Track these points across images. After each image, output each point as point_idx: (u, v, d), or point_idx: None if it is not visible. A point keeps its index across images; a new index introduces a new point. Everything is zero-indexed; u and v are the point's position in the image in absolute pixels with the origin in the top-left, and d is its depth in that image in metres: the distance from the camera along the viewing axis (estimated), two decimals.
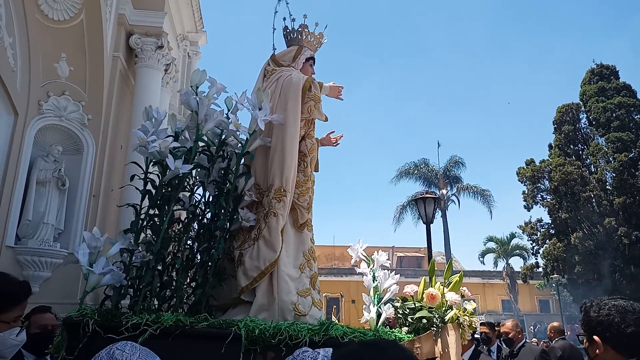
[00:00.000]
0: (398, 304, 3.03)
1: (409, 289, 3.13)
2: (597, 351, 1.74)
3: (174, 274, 2.79)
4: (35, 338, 2.90)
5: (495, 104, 67.86)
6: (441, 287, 3.00)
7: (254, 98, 2.91)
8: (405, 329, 2.90)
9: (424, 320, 2.81)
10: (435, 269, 3.41)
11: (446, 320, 2.79)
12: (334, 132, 3.66)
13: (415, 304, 2.94)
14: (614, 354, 1.70)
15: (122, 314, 2.33)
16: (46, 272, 5.98)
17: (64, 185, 6.25)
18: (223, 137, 2.88)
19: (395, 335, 2.74)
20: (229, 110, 2.93)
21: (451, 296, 2.91)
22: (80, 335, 2.21)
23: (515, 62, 72.24)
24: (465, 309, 2.92)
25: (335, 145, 3.68)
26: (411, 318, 2.88)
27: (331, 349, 1.48)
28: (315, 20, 3.44)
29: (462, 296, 2.98)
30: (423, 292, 3.01)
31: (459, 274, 3.10)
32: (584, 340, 1.83)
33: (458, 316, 2.82)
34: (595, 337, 1.75)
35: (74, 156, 6.56)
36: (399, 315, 3.01)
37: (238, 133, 2.91)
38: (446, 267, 3.20)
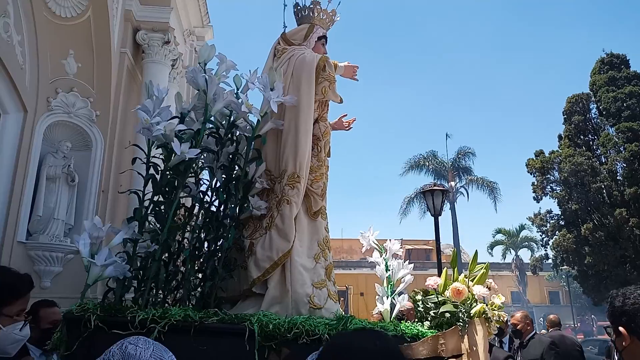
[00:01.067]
0: (419, 297, 2.86)
1: (432, 282, 2.96)
2: (624, 343, 1.64)
3: (180, 264, 2.64)
4: (48, 333, 2.84)
5: (504, 96, 67.30)
6: (465, 279, 2.84)
7: (266, 78, 2.70)
8: (427, 323, 2.72)
9: (447, 315, 2.65)
10: (444, 261, 3.30)
11: (472, 314, 2.63)
12: (346, 115, 3.48)
13: (438, 298, 2.77)
14: None
15: (126, 309, 2.20)
16: (57, 267, 6.07)
17: (73, 181, 6.32)
18: (232, 118, 2.67)
19: (418, 330, 2.55)
20: (238, 90, 2.72)
21: (479, 290, 2.74)
22: (82, 331, 2.08)
23: (525, 53, 71.58)
24: (493, 303, 2.77)
25: (348, 129, 3.50)
26: (434, 312, 2.71)
27: None
28: None
29: (489, 288, 2.82)
30: (445, 285, 2.85)
31: (485, 265, 2.93)
32: (612, 333, 1.73)
33: (485, 310, 2.66)
34: (621, 328, 1.66)
35: (83, 152, 6.63)
36: (419, 309, 2.84)
37: (248, 115, 2.71)
38: (470, 259, 3.00)
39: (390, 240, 3.24)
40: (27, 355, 2.81)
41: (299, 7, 3.30)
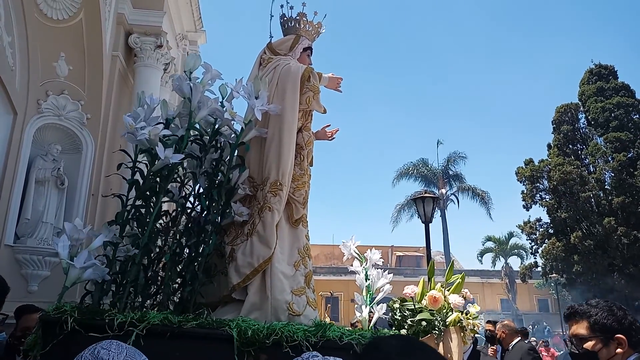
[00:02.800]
0: (397, 305, 2.93)
1: (409, 290, 3.03)
2: (618, 350, 1.78)
3: (159, 269, 2.65)
4: (18, 340, 2.85)
5: (494, 105, 67.89)
6: (442, 288, 2.92)
7: (251, 86, 2.76)
8: (403, 331, 2.78)
9: (424, 323, 2.72)
10: (435, 268, 3.36)
11: (448, 323, 2.70)
12: (329, 125, 3.54)
13: (415, 306, 2.84)
14: (629, 350, 1.78)
15: (104, 312, 2.18)
16: (45, 271, 5.99)
17: (63, 184, 6.26)
18: (217, 126, 2.72)
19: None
20: (223, 98, 2.78)
21: (454, 299, 2.82)
22: (58, 333, 2.06)
23: (515, 62, 72.33)
24: (467, 312, 2.84)
25: (330, 140, 3.56)
26: (411, 320, 2.78)
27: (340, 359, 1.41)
28: (314, 9, 3.33)
29: (464, 298, 2.90)
30: (423, 293, 2.92)
31: (460, 275, 3.01)
32: (591, 344, 1.83)
33: (461, 319, 2.74)
34: (620, 335, 1.79)
35: (73, 155, 6.57)
36: (396, 316, 2.91)
37: (233, 122, 2.77)
38: (447, 268, 3.09)
39: (370, 249, 3.30)
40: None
41: (285, 18, 3.36)
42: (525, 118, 66.92)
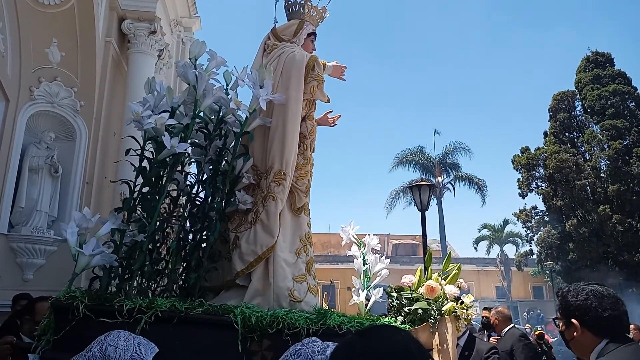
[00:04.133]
0: (394, 294, 3.00)
1: (407, 279, 3.09)
2: (575, 334, 1.85)
3: (163, 253, 2.71)
4: None
5: (491, 93, 67.78)
6: (438, 278, 2.98)
7: (256, 75, 2.76)
8: (400, 318, 2.87)
9: (420, 311, 2.80)
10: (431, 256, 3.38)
11: (443, 312, 2.79)
12: (331, 112, 3.55)
13: (412, 294, 2.91)
14: (590, 335, 1.80)
15: (113, 297, 2.24)
16: (40, 260, 5.97)
17: (56, 172, 6.21)
18: (221, 114, 2.74)
19: (391, 324, 2.69)
20: (227, 86, 2.79)
21: (450, 289, 2.90)
22: (69, 318, 2.13)
23: (511, 50, 72.06)
24: (462, 302, 2.91)
25: (332, 126, 3.58)
26: (408, 309, 2.86)
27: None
28: None
29: (460, 288, 2.98)
30: (419, 282, 2.99)
31: (457, 266, 3.08)
32: (560, 324, 1.94)
33: (455, 309, 2.82)
34: (574, 320, 1.85)
35: (67, 143, 6.51)
36: (393, 304, 2.98)
37: (237, 111, 2.79)
38: (444, 258, 3.17)
39: (369, 235, 3.36)
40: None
41: (289, 2, 3.34)
42: (522, 106, 66.94)
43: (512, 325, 5.79)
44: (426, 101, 70.92)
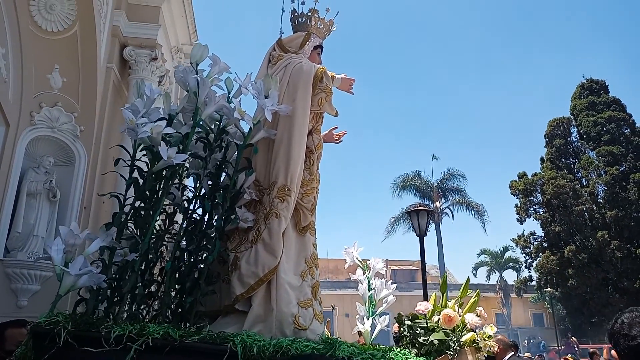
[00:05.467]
0: (408, 322, 2.78)
1: (422, 307, 2.87)
2: None
3: (156, 274, 2.49)
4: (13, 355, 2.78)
5: (487, 119, 68.43)
6: (455, 306, 2.78)
7: (261, 84, 2.59)
8: (414, 350, 2.63)
9: (436, 342, 2.57)
10: (429, 282, 3.28)
11: (462, 343, 2.57)
12: (337, 127, 3.38)
13: (427, 324, 2.69)
14: None
15: (100, 322, 2.02)
16: (35, 286, 5.90)
17: (54, 197, 6.19)
18: (222, 124, 2.54)
19: (407, 358, 2.43)
20: (229, 93, 2.60)
21: (471, 318, 2.68)
22: (49, 346, 1.91)
23: (507, 77, 73.12)
24: (484, 332, 2.71)
25: (338, 142, 3.40)
26: (423, 339, 2.63)
27: None
28: (323, 7, 3.23)
29: (478, 316, 2.77)
30: (434, 310, 2.80)
31: (476, 292, 2.88)
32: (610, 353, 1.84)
33: (477, 339, 2.60)
34: (612, 351, 1.77)
35: (66, 167, 6.51)
36: (405, 334, 2.76)
37: (240, 121, 2.59)
38: (463, 286, 2.94)
39: (373, 258, 3.15)
40: None
41: (295, 14, 3.24)
42: (519, 132, 67.44)
43: (513, 353, 5.71)
44: (424, 127, 71.53)
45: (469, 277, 3.04)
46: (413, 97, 75.16)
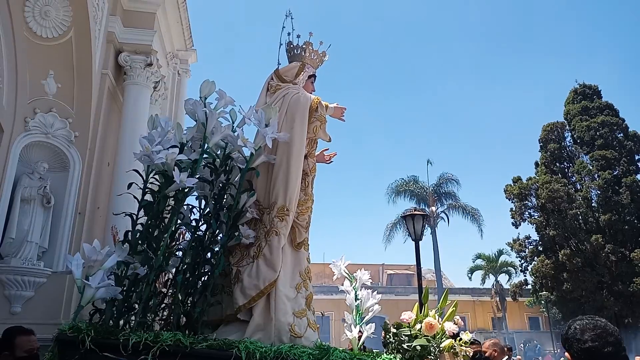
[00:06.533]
0: (393, 330, 3.03)
1: (406, 316, 3.14)
2: None
3: (160, 285, 2.74)
4: None
5: (482, 124, 68.79)
6: (435, 315, 3.04)
7: (262, 114, 2.90)
8: (399, 355, 2.89)
9: (419, 348, 2.83)
10: (425, 286, 3.42)
11: (442, 348, 2.83)
12: (327, 149, 3.69)
13: (411, 331, 2.95)
14: None
15: (118, 331, 2.26)
16: (29, 292, 5.85)
17: (49, 203, 6.16)
18: (227, 150, 2.84)
19: None
20: (233, 123, 2.91)
21: (449, 326, 2.94)
22: (73, 353, 2.13)
23: (501, 82, 73.55)
24: (460, 339, 2.97)
25: (328, 163, 3.71)
26: (407, 345, 2.89)
27: None
28: (312, 37, 3.53)
29: (456, 324, 3.02)
30: (417, 319, 3.05)
31: (454, 303, 3.15)
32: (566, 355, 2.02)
33: (454, 345, 2.86)
34: (566, 353, 1.95)
35: (60, 173, 6.48)
36: (390, 340, 3.00)
37: (243, 148, 2.89)
38: (441, 297, 3.23)
39: (360, 270, 3.38)
40: None
41: (291, 46, 3.54)
42: (513, 136, 67.84)
43: (508, 357, 5.73)
44: (419, 131, 71.80)
45: (447, 289, 3.35)
46: (408, 101, 75.49)
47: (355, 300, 3.26)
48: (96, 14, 6.72)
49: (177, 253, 2.89)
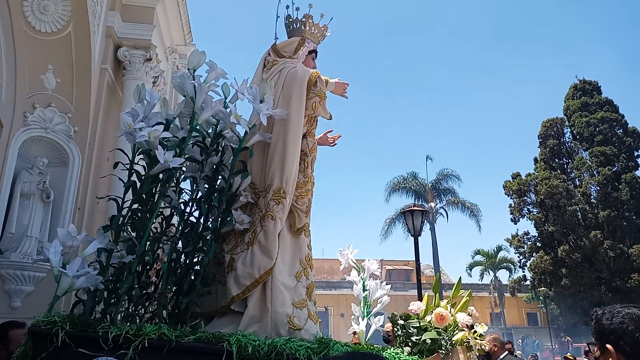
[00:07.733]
0: (401, 322, 2.81)
1: (415, 307, 2.91)
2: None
3: (152, 276, 2.53)
4: None
5: (482, 120, 68.75)
6: (447, 305, 2.81)
7: (256, 89, 2.63)
8: (407, 349, 2.67)
9: (429, 341, 2.61)
10: (424, 282, 3.33)
11: (454, 342, 2.61)
12: (332, 131, 3.43)
13: (420, 323, 2.73)
14: None
15: (97, 323, 2.05)
16: (29, 287, 5.88)
17: (48, 198, 6.17)
18: (219, 128, 2.59)
19: (399, 357, 2.47)
20: (225, 98, 2.65)
21: (462, 317, 2.72)
22: (46, 346, 1.94)
23: (501, 78, 73.47)
24: (475, 331, 2.74)
25: (332, 146, 3.45)
26: (416, 338, 2.66)
27: None
28: (312, 10, 3.25)
29: (470, 316, 2.80)
30: (427, 310, 2.83)
31: (468, 292, 2.92)
32: (595, 349, 1.79)
33: (468, 338, 2.65)
34: (609, 346, 1.70)
35: (59, 168, 6.49)
36: (398, 333, 2.80)
37: (236, 126, 2.63)
38: (455, 286, 2.99)
39: (368, 259, 3.19)
40: None
41: (290, 20, 3.27)
42: (513, 132, 67.81)
43: (507, 352, 5.75)
44: (419, 128, 71.74)
45: (460, 277, 3.08)
46: (408, 98, 75.39)
47: (363, 291, 3.06)
48: (95, 8, 6.68)
49: (166, 240, 2.63)
